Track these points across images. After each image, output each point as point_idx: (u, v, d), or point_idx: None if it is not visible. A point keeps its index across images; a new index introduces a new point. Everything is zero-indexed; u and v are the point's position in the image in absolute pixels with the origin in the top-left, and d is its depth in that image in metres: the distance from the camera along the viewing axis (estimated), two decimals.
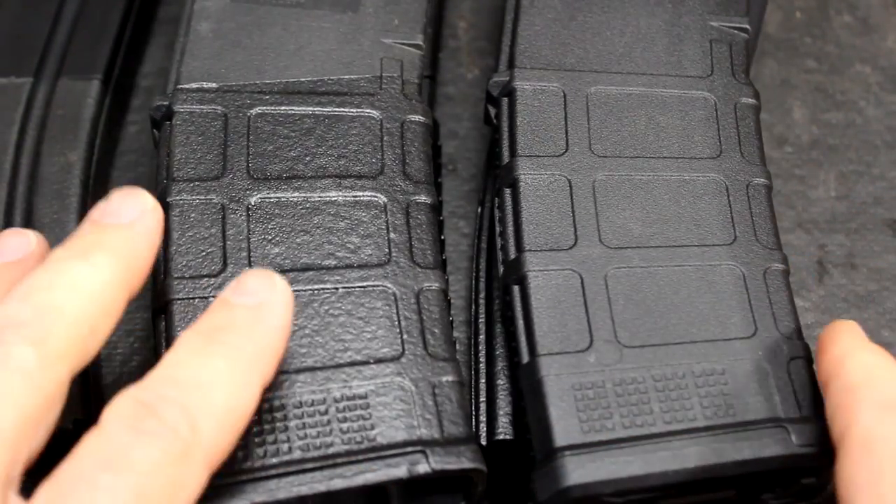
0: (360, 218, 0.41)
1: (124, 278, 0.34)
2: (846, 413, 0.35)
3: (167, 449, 0.30)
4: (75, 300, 0.32)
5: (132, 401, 0.31)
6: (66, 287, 0.32)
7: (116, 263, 0.34)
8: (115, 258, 0.34)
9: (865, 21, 0.58)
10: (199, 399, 0.31)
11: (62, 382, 0.31)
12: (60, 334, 0.31)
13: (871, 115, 0.55)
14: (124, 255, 0.34)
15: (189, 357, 0.32)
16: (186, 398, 0.31)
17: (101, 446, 0.29)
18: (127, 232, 0.35)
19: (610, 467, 0.36)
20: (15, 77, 0.48)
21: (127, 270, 0.34)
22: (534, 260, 0.40)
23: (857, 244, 0.51)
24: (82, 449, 0.29)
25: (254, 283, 0.34)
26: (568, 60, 0.46)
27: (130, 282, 0.34)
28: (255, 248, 0.40)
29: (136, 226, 0.35)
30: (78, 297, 0.32)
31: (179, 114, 0.42)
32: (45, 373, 0.30)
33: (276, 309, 0.34)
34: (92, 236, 0.34)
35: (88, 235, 0.34)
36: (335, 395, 0.37)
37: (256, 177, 0.41)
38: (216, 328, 0.33)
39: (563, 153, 0.43)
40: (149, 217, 0.35)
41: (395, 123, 0.44)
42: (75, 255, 0.33)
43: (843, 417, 0.35)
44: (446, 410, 0.37)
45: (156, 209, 0.36)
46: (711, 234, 0.42)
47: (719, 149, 0.44)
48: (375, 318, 0.39)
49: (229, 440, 0.32)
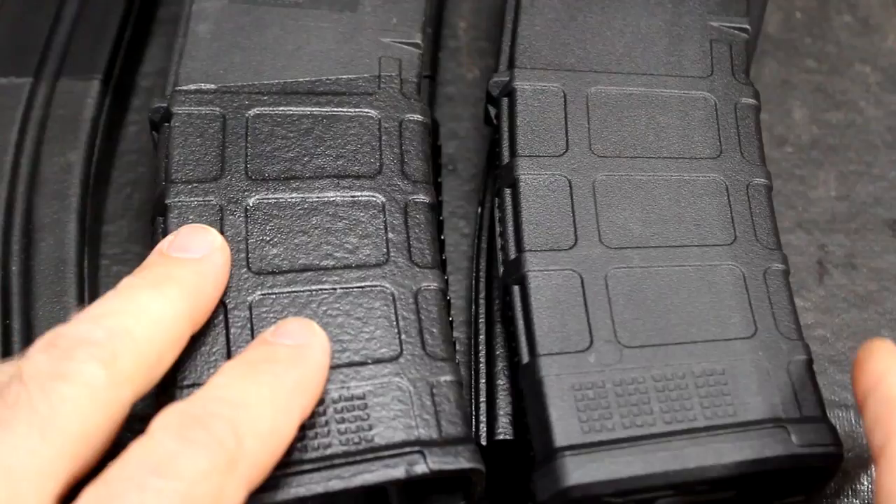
0: (359, 218, 0.41)
1: (191, 312, 0.36)
2: (886, 425, 0.35)
3: (214, 460, 0.30)
4: (146, 327, 0.33)
5: (181, 413, 0.31)
6: (138, 314, 0.34)
7: (185, 297, 0.35)
8: (184, 292, 0.35)
9: (865, 21, 0.58)
10: (245, 417, 0.32)
11: (125, 404, 0.32)
12: (129, 358, 0.32)
13: (871, 115, 0.55)
14: (193, 289, 0.36)
15: (235, 381, 0.33)
16: (234, 415, 0.32)
17: (150, 452, 0.30)
18: (197, 267, 0.37)
19: (610, 467, 0.36)
20: (15, 77, 0.48)
21: (194, 304, 0.36)
22: (534, 260, 0.40)
23: (857, 244, 0.51)
24: (131, 454, 0.30)
25: (294, 327, 0.36)
26: (568, 60, 0.46)
27: (195, 316, 0.36)
28: (253, 250, 0.40)
29: (205, 262, 0.37)
30: (148, 325, 0.34)
31: (178, 116, 0.42)
32: (111, 392, 0.32)
33: (315, 349, 0.36)
34: (163, 269, 0.36)
35: (159, 267, 0.36)
36: (333, 395, 0.37)
37: (254, 178, 0.41)
38: (260, 360, 0.34)
39: (564, 153, 0.43)
40: (217, 255, 0.37)
41: (393, 123, 0.44)
42: (148, 284, 0.35)
43: (882, 430, 0.35)
44: (444, 410, 0.37)
45: (224, 248, 0.38)
46: (711, 235, 0.42)
47: (719, 149, 0.44)
48: (373, 318, 0.39)
49: (270, 462, 0.33)
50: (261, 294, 0.39)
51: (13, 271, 0.44)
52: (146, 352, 0.33)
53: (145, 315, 0.34)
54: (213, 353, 0.37)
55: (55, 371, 0.31)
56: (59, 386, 0.31)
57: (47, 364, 0.31)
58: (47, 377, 0.31)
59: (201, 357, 0.37)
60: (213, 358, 0.37)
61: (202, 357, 0.37)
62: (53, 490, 0.30)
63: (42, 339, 0.32)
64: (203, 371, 0.37)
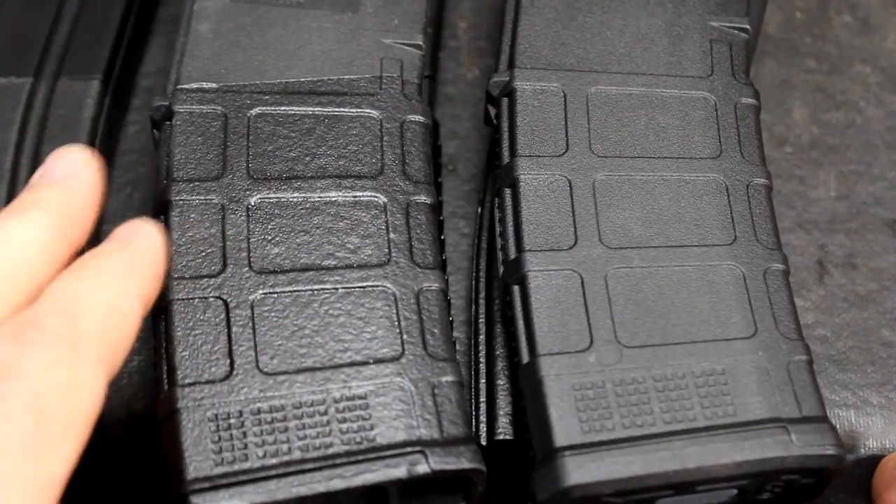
0: (360, 218, 0.41)
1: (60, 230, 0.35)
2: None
3: (54, 350, 0.30)
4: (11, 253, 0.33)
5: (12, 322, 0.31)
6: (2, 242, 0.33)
7: (51, 216, 0.35)
8: (48, 212, 0.35)
9: (865, 21, 0.58)
10: (77, 305, 0.32)
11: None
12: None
13: (871, 115, 0.55)
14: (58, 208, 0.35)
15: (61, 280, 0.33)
16: (64, 306, 0.32)
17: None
18: (60, 187, 0.36)
19: (610, 467, 0.36)
20: (15, 77, 0.48)
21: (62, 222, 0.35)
22: (534, 260, 0.40)
23: (857, 244, 0.51)
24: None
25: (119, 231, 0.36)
26: (568, 60, 0.46)
27: (68, 233, 0.35)
28: (255, 249, 0.40)
29: (69, 180, 0.36)
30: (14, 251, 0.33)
31: (179, 114, 0.42)
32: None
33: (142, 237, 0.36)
34: (26, 196, 0.35)
35: (24, 196, 0.35)
36: (335, 395, 0.37)
37: (256, 177, 0.41)
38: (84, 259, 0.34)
39: (564, 153, 0.43)
40: (83, 171, 0.37)
41: (394, 123, 0.44)
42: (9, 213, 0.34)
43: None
44: (446, 411, 0.37)
45: (88, 161, 0.37)
46: (711, 235, 0.42)
47: (719, 149, 0.44)
48: (375, 318, 0.39)
49: (121, 337, 0.33)
50: (262, 293, 0.39)
51: None
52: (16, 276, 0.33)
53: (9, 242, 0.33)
54: (215, 351, 0.37)
55: None
56: None
57: None
58: None
59: (203, 356, 0.37)
60: (215, 356, 0.37)
61: (204, 356, 0.37)
62: None
63: None
64: (205, 369, 0.37)
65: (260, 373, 0.37)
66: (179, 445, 0.36)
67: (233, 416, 0.36)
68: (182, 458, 0.35)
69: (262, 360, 0.37)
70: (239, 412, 0.36)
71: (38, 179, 0.36)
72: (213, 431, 0.36)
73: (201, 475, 0.35)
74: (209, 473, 0.35)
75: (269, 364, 0.37)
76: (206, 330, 0.38)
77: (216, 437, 0.36)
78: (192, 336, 0.38)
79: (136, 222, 0.36)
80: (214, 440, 0.36)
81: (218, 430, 0.36)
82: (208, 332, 0.38)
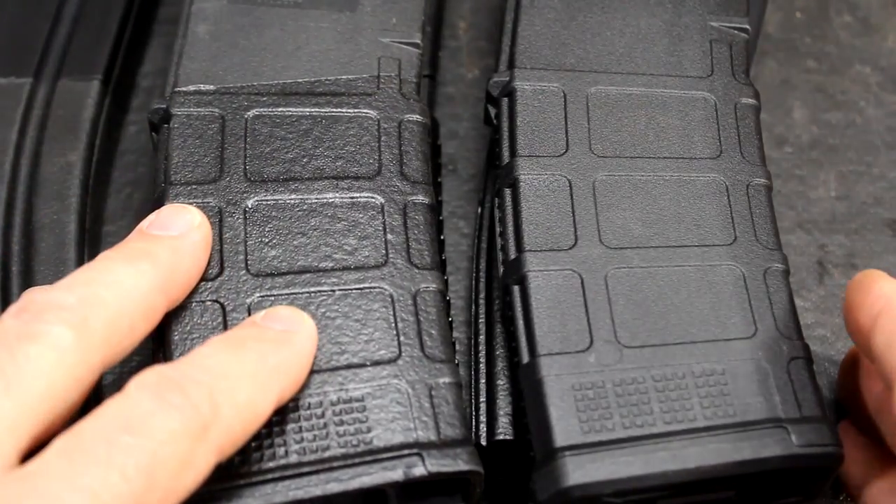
0: (358, 219, 0.41)
1: (164, 286, 0.36)
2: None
3: (186, 423, 0.31)
4: (117, 296, 0.34)
5: (159, 374, 0.32)
6: (110, 284, 0.34)
7: (159, 271, 0.36)
8: (158, 267, 0.36)
9: (865, 21, 0.58)
10: (223, 387, 0.32)
11: (93, 370, 0.33)
12: (99, 324, 0.33)
13: (871, 115, 0.55)
14: (167, 264, 0.36)
15: (218, 352, 0.34)
16: (212, 383, 0.32)
17: (124, 409, 0.31)
18: (173, 243, 0.37)
19: (610, 467, 0.36)
20: (15, 77, 0.48)
21: (168, 279, 0.36)
22: (534, 260, 0.40)
23: (857, 244, 0.51)
24: (105, 409, 0.31)
25: (284, 313, 0.37)
26: (568, 60, 0.46)
27: (170, 291, 0.36)
28: (252, 252, 0.40)
29: (182, 239, 0.37)
30: (120, 295, 0.34)
31: (177, 117, 0.42)
32: (78, 356, 0.32)
33: (302, 336, 0.36)
34: (139, 244, 0.37)
35: (136, 243, 0.37)
36: (332, 398, 0.37)
37: (253, 179, 0.41)
38: (247, 337, 0.35)
39: (563, 153, 0.43)
40: (195, 233, 0.38)
41: (392, 123, 0.43)
42: (122, 258, 0.35)
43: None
44: (443, 412, 0.37)
45: (203, 226, 0.38)
46: (711, 235, 0.42)
47: (719, 149, 0.44)
48: (372, 320, 0.39)
49: (243, 434, 0.33)
50: (259, 296, 0.39)
51: (13, 272, 0.44)
52: (116, 320, 0.34)
53: (117, 285, 0.34)
54: None
55: (23, 332, 0.31)
56: (26, 346, 0.31)
57: (16, 326, 0.32)
58: (15, 338, 0.31)
59: None
60: None
61: None
62: (16, 445, 0.30)
63: (15, 304, 0.33)
64: None
65: None
66: None
67: None
68: None
69: None
70: None
71: (147, 227, 0.38)
72: None
73: None
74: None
75: None
76: (204, 334, 0.38)
77: None
78: (189, 340, 0.38)
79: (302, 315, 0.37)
80: None
81: None
82: (206, 336, 0.38)
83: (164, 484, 0.30)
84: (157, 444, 0.30)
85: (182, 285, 0.37)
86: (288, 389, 0.35)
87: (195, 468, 0.31)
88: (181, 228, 0.38)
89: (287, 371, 0.35)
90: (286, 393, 0.35)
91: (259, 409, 0.34)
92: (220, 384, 0.32)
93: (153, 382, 0.31)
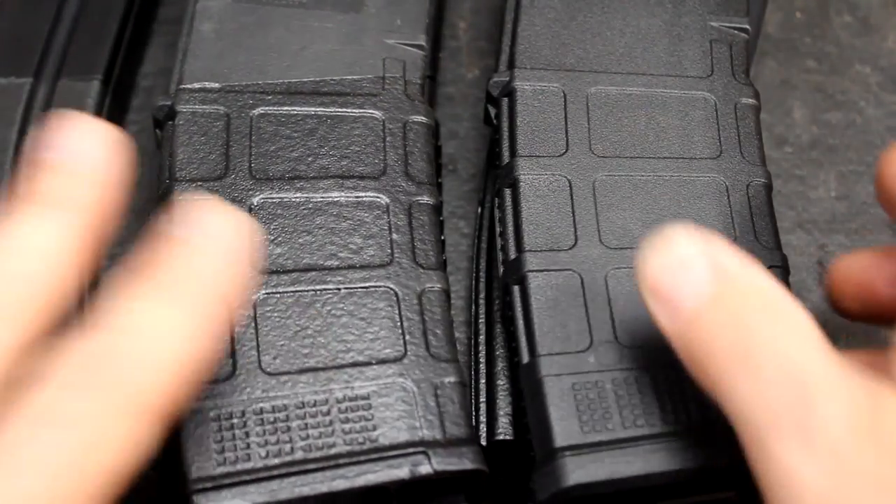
0: (363, 219, 0.41)
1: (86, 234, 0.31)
2: None
3: (113, 401, 0.28)
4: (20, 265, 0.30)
5: (77, 354, 0.28)
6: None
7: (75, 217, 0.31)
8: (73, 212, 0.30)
9: (865, 21, 0.58)
10: (145, 348, 0.29)
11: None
12: None
13: (871, 115, 0.55)
14: (85, 206, 0.31)
15: (132, 304, 0.29)
16: (131, 347, 0.29)
17: (40, 403, 0.27)
18: (87, 176, 0.31)
19: (610, 467, 0.36)
20: (15, 77, 0.48)
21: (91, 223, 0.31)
22: (534, 260, 0.40)
23: (857, 244, 0.51)
24: (24, 408, 0.27)
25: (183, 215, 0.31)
26: (568, 60, 0.46)
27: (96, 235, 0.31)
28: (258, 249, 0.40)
29: (94, 165, 0.31)
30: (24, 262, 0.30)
31: (182, 114, 0.42)
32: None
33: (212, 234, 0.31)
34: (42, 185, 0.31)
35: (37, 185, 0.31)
36: (337, 395, 0.37)
37: (259, 177, 0.41)
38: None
39: (563, 153, 0.43)
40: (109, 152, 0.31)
41: (397, 124, 0.44)
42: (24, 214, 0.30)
43: None
44: (448, 411, 0.37)
45: (117, 140, 0.32)
46: None
47: (719, 149, 0.44)
48: (378, 318, 0.39)
49: (181, 389, 0.29)
50: (265, 293, 0.39)
51: None
52: (28, 298, 0.29)
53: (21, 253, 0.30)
54: (218, 351, 0.37)
55: None
56: None
57: None
58: None
59: None
60: (218, 357, 0.37)
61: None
62: None
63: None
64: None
65: (263, 373, 0.37)
66: (182, 445, 0.36)
67: (235, 416, 0.36)
68: (185, 458, 0.35)
69: (265, 360, 0.38)
70: (242, 412, 0.36)
71: (45, 159, 0.31)
72: (216, 431, 0.36)
73: (204, 475, 0.35)
74: (212, 473, 0.35)
75: (272, 364, 0.37)
76: None
77: (219, 436, 0.36)
78: None
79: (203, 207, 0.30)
80: (217, 440, 0.36)
81: (221, 430, 0.36)
82: None
83: (98, 468, 0.27)
84: (81, 430, 0.27)
85: (109, 224, 0.31)
86: (227, 303, 0.30)
87: (137, 439, 0.28)
88: (89, 151, 0.30)
89: (214, 287, 0.30)
90: (225, 311, 0.30)
91: (193, 355, 0.29)
92: (138, 346, 0.28)
93: (68, 366, 0.28)
